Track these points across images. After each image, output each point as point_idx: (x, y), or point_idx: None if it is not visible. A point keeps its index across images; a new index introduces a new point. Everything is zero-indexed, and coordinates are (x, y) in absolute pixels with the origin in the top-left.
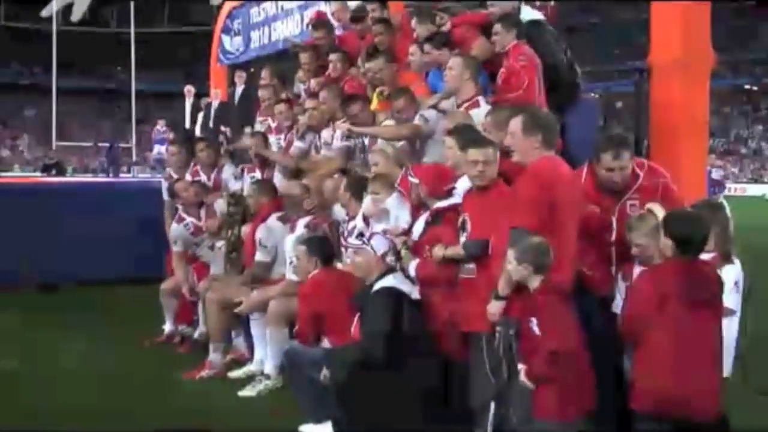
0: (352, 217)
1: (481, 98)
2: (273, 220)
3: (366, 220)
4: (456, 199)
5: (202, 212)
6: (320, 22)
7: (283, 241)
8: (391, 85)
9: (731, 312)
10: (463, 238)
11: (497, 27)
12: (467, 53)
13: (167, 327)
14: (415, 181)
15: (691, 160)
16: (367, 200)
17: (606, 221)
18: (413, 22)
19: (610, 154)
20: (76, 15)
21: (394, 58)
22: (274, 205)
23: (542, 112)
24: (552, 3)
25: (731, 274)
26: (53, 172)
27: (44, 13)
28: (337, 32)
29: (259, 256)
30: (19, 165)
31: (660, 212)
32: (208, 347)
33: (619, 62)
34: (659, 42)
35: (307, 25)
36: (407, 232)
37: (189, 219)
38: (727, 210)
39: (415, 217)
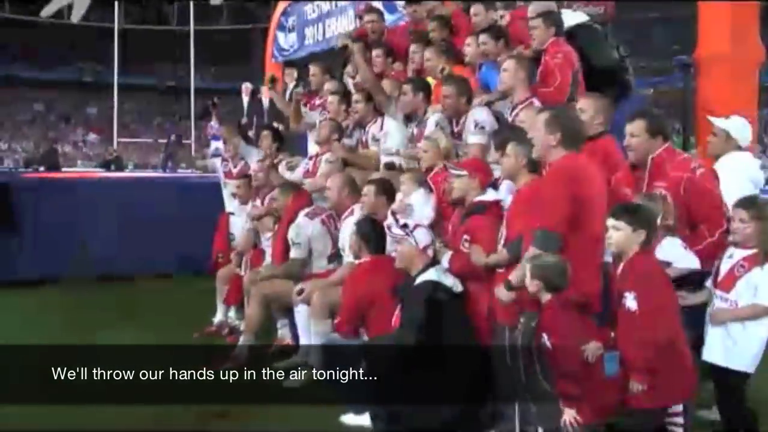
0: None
1: (535, 99)
2: (301, 217)
3: (394, 215)
4: (499, 194)
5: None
6: (372, 7)
7: (314, 235)
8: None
9: None
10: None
11: (536, 22)
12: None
13: (217, 317)
14: (462, 173)
15: None
16: (398, 196)
17: None
18: (474, 8)
19: (628, 120)
20: (76, 16)
21: (447, 53)
22: (299, 203)
23: (569, 113)
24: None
25: None
26: (112, 167)
27: (44, 13)
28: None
29: (293, 253)
30: (81, 160)
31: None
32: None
33: (676, 57)
34: (706, 37)
35: (357, 17)
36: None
37: (257, 201)
38: None
39: (447, 214)
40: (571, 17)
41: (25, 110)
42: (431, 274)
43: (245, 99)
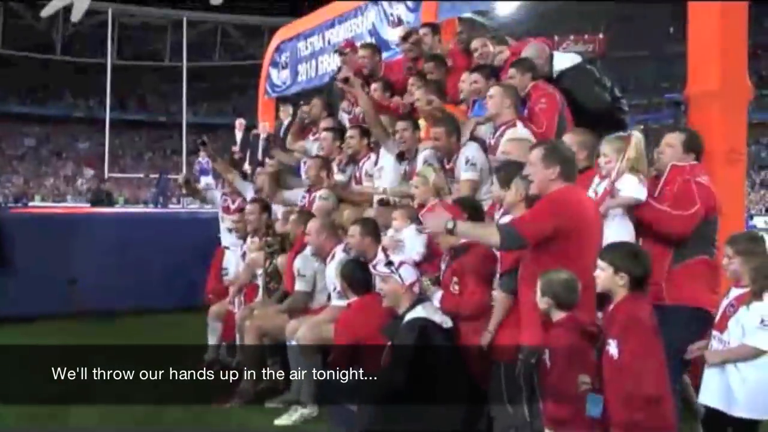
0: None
1: (518, 122)
2: (310, 249)
3: (384, 251)
4: None
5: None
6: (365, 43)
7: (320, 268)
8: (425, 116)
9: (761, 352)
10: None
11: (511, 72)
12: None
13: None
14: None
15: (729, 193)
16: (389, 232)
17: None
18: (476, 42)
19: (668, 130)
20: (76, 15)
21: (438, 92)
22: None
23: (563, 146)
24: (601, 36)
25: (759, 311)
26: (103, 202)
27: (44, 13)
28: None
29: (298, 286)
30: (72, 195)
31: (635, 146)
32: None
33: (666, 95)
34: (696, 75)
35: (336, 52)
36: (419, 264)
37: (255, 237)
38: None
39: (439, 251)
40: (563, 60)
41: (16, 145)
42: (419, 312)
43: (238, 134)
